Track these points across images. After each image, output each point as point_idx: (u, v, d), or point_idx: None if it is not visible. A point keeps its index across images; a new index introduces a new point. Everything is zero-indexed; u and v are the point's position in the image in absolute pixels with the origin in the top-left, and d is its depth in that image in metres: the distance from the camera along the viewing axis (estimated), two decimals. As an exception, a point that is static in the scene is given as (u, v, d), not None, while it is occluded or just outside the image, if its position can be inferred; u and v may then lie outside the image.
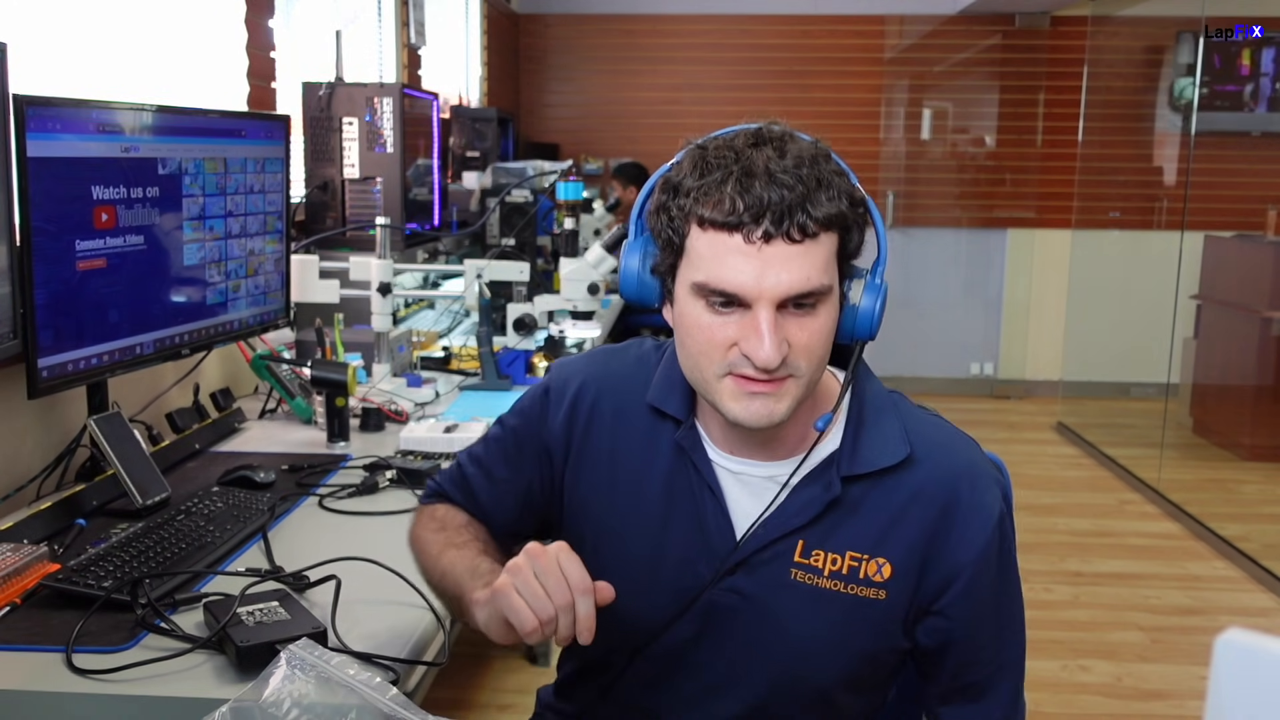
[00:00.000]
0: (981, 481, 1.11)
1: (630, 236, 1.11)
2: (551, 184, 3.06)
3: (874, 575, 1.09)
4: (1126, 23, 5.94)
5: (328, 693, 0.82)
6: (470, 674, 2.87)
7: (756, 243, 0.97)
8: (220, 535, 1.50)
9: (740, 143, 1.01)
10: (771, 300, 0.98)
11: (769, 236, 0.97)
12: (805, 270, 0.98)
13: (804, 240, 0.98)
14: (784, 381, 1.01)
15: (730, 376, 1.02)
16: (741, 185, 0.98)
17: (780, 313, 0.99)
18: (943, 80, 6.38)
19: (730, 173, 0.99)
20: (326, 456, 1.97)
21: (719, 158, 1.01)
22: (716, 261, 0.99)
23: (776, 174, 0.97)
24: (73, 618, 1.23)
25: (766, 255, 0.97)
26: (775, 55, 6.32)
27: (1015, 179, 6.42)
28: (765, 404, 1.02)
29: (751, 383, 1.01)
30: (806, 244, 0.98)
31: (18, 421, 1.69)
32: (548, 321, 2.88)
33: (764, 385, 1.01)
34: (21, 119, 1.44)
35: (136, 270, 1.72)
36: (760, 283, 0.98)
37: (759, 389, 1.01)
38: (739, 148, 1.01)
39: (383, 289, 2.52)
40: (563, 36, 6.44)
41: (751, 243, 0.97)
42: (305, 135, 2.91)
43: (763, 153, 0.99)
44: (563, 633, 0.95)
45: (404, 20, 4.09)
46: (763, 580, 1.10)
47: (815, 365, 1.03)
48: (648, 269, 1.09)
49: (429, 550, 1.20)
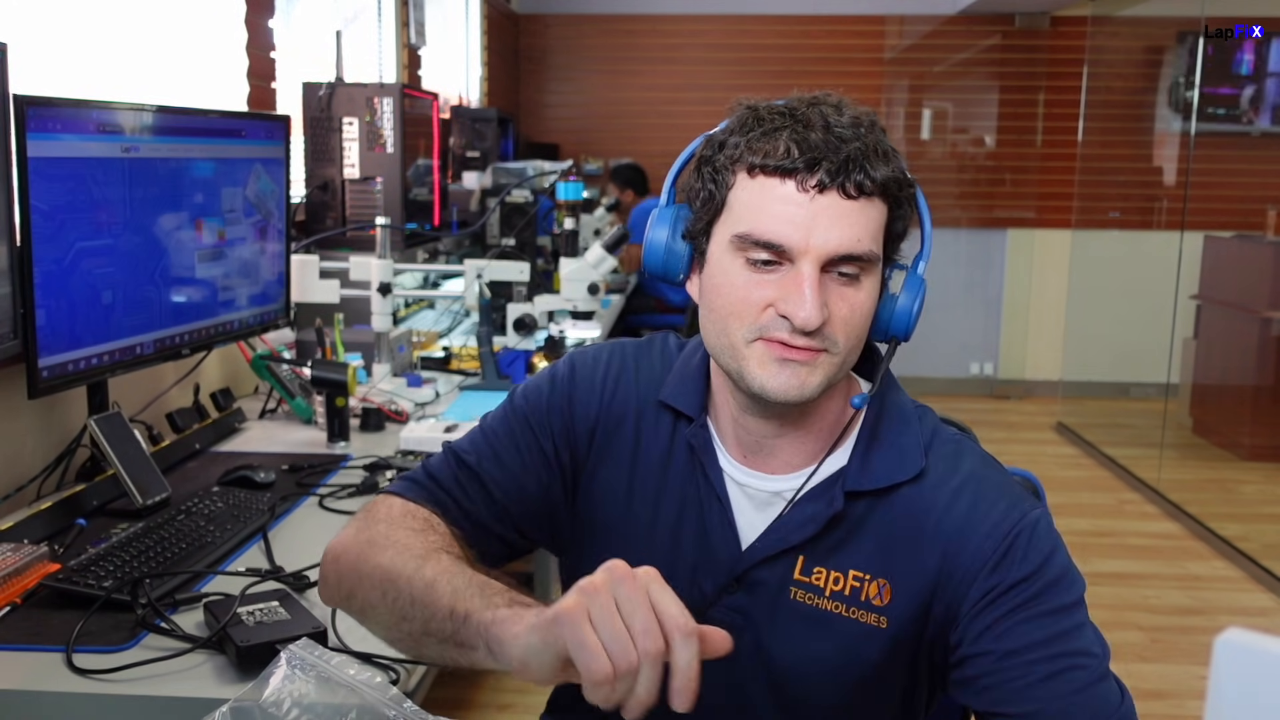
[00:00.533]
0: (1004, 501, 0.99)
1: (661, 203, 1.06)
2: (551, 184, 3.06)
3: (874, 598, 1.00)
4: (1126, 23, 5.94)
5: (328, 693, 0.82)
6: (470, 674, 2.87)
7: (810, 191, 0.92)
8: (220, 535, 1.50)
9: (795, 102, 0.97)
10: (818, 256, 0.92)
11: (823, 186, 0.92)
12: (856, 230, 0.93)
13: (859, 198, 0.93)
14: (818, 354, 0.95)
15: (761, 341, 0.95)
16: (797, 134, 0.93)
17: (823, 277, 0.93)
18: (943, 80, 6.38)
19: (785, 124, 0.94)
20: (327, 456, 1.97)
21: (772, 113, 0.96)
22: (763, 210, 0.93)
23: (834, 127, 0.93)
24: (73, 618, 1.23)
25: (818, 206, 0.92)
26: (775, 55, 6.32)
27: (1015, 179, 6.42)
28: (797, 374, 0.94)
29: (785, 348, 0.94)
30: (861, 203, 0.93)
31: (18, 421, 1.69)
32: (548, 321, 2.88)
33: (798, 352, 0.94)
34: (22, 119, 1.44)
35: (137, 270, 1.72)
36: (809, 235, 0.92)
37: (792, 355, 0.94)
38: (793, 105, 0.97)
39: (383, 289, 2.52)
40: (563, 36, 6.44)
41: (805, 191, 0.92)
42: (305, 135, 2.91)
43: (819, 109, 0.95)
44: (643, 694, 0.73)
45: (404, 20, 4.09)
46: (763, 599, 1.03)
47: (852, 345, 0.97)
48: (678, 235, 1.03)
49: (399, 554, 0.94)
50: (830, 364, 0.96)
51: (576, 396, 1.11)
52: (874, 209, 0.95)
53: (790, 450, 1.04)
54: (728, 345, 0.98)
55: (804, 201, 0.92)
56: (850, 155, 0.92)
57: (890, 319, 1.03)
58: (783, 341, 0.94)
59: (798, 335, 0.93)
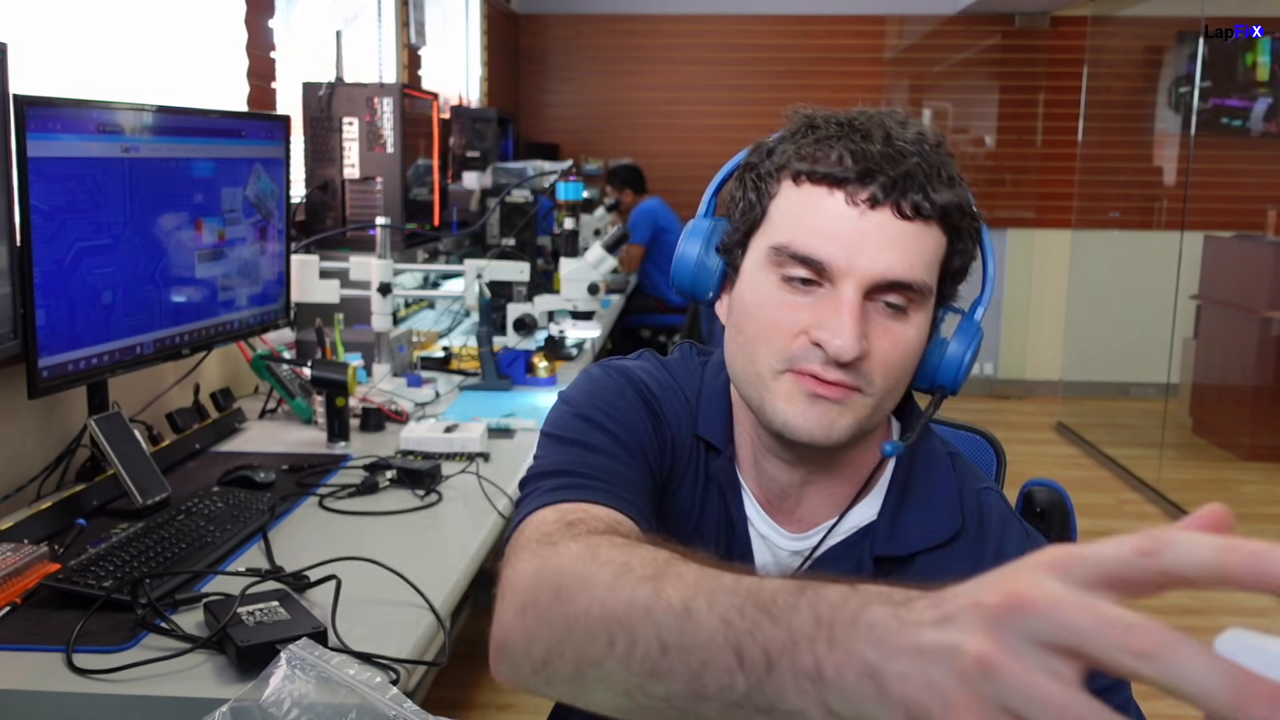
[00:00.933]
0: None
1: (699, 214, 0.98)
2: (551, 184, 3.06)
3: None
4: (1126, 23, 5.94)
5: (328, 692, 0.82)
6: (470, 674, 2.87)
7: (860, 205, 0.82)
8: (220, 535, 1.50)
9: (854, 112, 0.88)
10: (862, 280, 0.82)
11: (875, 202, 0.82)
12: (909, 255, 0.83)
13: (915, 220, 0.83)
14: (850, 393, 0.84)
15: (790, 373, 0.85)
16: (854, 142, 0.83)
17: (869, 306, 0.83)
18: (943, 80, 6.38)
19: (842, 132, 0.85)
20: (326, 456, 1.97)
21: (829, 121, 0.87)
22: (805, 221, 0.84)
23: (896, 140, 0.83)
24: (73, 618, 1.23)
25: (868, 223, 0.82)
26: (775, 55, 6.32)
27: (1015, 179, 6.42)
28: (826, 413, 0.84)
29: (816, 382, 0.84)
30: (917, 226, 0.83)
31: (18, 421, 1.69)
32: (548, 321, 2.88)
33: (829, 388, 0.84)
34: (22, 119, 1.44)
35: (136, 270, 1.72)
36: (854, 255, 0.82)
37: (823, 391, 0.84)
38: (853, 115, 0.87)
39: (383, 289, 2.52)
40: (563, 36, 6.45)
41: (854, 204, 0.82)
42: (305, 135, 2.91)
43: (881, 120, 0.86)
44: None
45: (404, 20, 4.09)
46: None
47: (889, 387, 0.86)
48: (711, 249, 0.94)
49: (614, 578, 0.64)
50: (863, 406, 0.85)
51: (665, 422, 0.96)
52: (930, 236, 0.84)
53: (816, 501, 0.95)
54: (753, 374, 0.88)
55: (852, 216, 0.82)
56: (910, 171, 0.82)
57: (938, 367, 0.93)
58: (814, 375, 0.84)
59: (831, 368, 0.83)
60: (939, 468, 0.95)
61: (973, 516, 0.93)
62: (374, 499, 1.75)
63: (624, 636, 0.60)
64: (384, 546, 1.48)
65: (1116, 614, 0.38)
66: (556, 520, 0.79)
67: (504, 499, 1.76)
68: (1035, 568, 0.41)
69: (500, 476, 1.83)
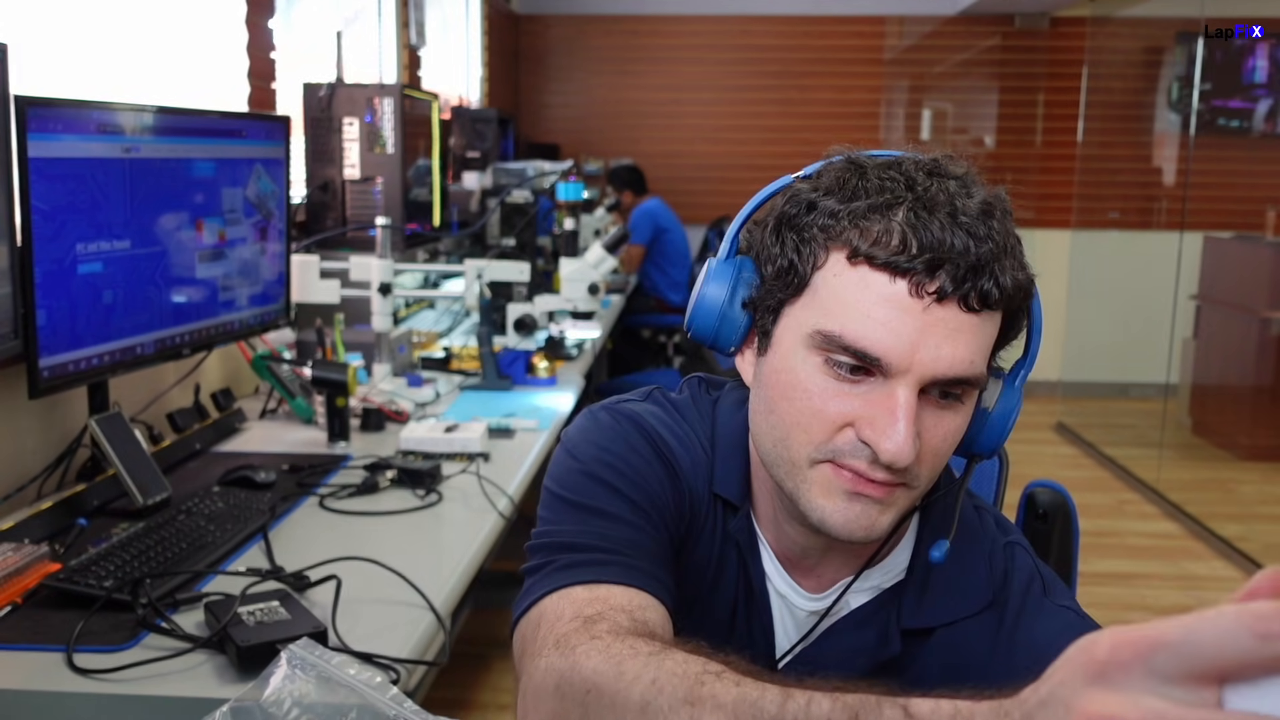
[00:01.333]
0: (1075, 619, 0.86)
1: (721, 256, 0.87)
2: (551, 184, 3.06)
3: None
4: (1126, 24, 5.94)
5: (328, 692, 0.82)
6: (470, 674, 2.87)
7: (925, 299, 0.74)
8: (221, 535, 1.50)
9: (911, 167, 0.79)
10: (921, 378, 0.75)
11: (943, 296, 0.74)
12: (971, 350, 0.76)
13: (981, 311, 0.76)
14: (895, 489, 0.78)
15: (830, 465, 0.78)
16: (917, 218, 0.74)
17: (923, 404, 0.77)
18: (942, 81, 6.38)
19: (901, 198, 0.76)
20: (327, 456, 1.97)
21: (883, 177, 0.78)
22: (861, 310, 0.75)
23: (962, 217, 0.75)
24: (73, 617, 1.23)
25: (932, 318, 0.74)
26: (775, 55, 6.32)
27: (1015, 179, 6.39)
28: (867, 512, 0.78)
29: (860, 480, 0.77)
30: (983, 317, 0.76)
31: (19, 421, 1.69)
32: (548, 321, 2.88)
33: (875, 487, 0.77)
34: (22, 119, 1.44)
35: (137, 270, 1.73)
36: (915, 352, 0.74)
37: (867, 490, 0.77)
38: (909, 172, 0.78)
39: (383, 289, 2.52)
40: (563, 36, 6.45)
41: (919, 297, 0.74)
42: (305, 136, 2.91)
43: (944, 185, 0.77)
44: None
45: (404, 20, 4.10)
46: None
47: (931, 477, 0.81)
48: (736, 301, 0.84)
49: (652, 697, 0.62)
50: (906, 500, 0.80)
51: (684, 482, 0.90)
52: (992, 324, 0.78)
53: (838, 560, 0.89)
54: (785, 459, 0.81)
55: (916, 310, 0.74)
56: (980, 260, 0.74)
57: (977, 435, 0.86)
58: (858, 472, 0.78)
59: (878, 468, 0.77)
60: (967, 529, 0.89)
61: (999, 582, 0.88)
62: (374, 499, 1.75)
63: None
64: (384, 546, 1.48)
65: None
66: (574, 617, 0.74)
67: (504, 499, 1.76)
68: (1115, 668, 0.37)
69: (500, 476, 1.83)
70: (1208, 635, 0.34)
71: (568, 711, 0.65)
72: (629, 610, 0.75)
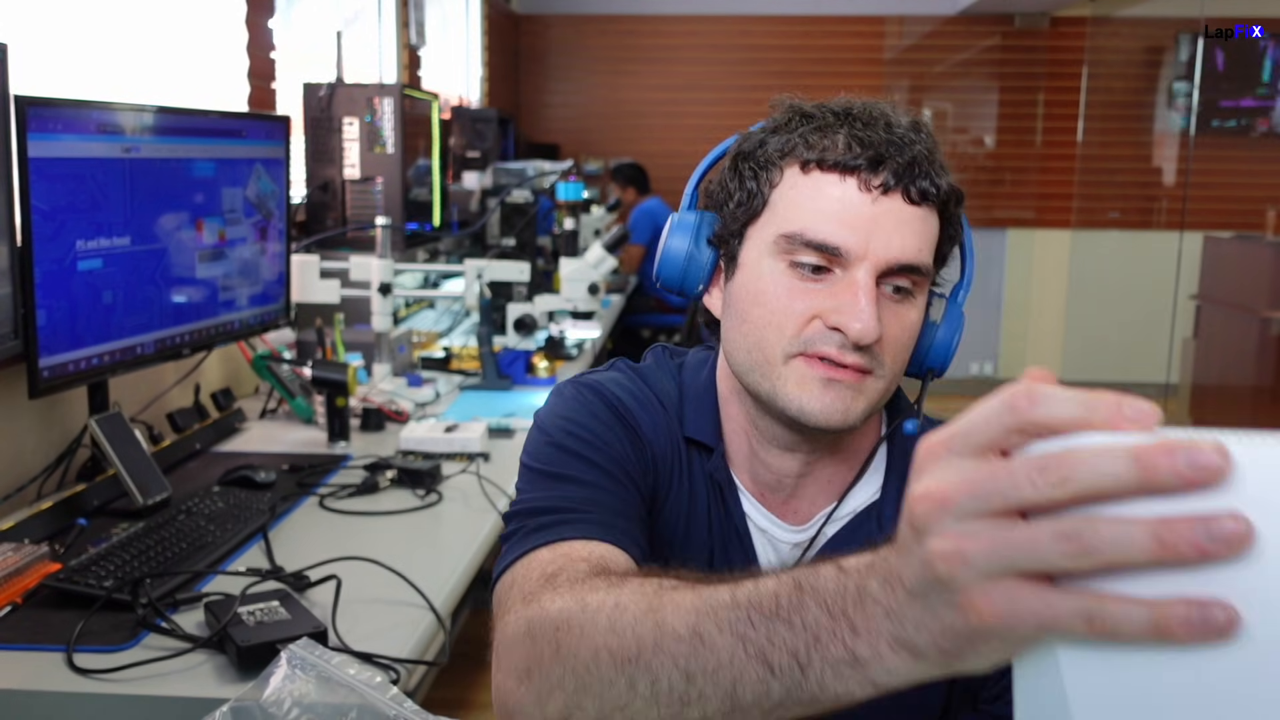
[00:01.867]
0: None
1: (682, 208, 0.97)
2: (551, 184, 3.06)
3: None
4: (1126, 23, 5.94)
5: (328, 692, 0.82)
6: (470, 674, 2.87)
7: (873, 191, 0.84)
8: (221, 535, 1.50)
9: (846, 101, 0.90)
10: (876, 264, 0.83)
11: (887, 188, 0.84)
12: (918, 239, 0.85)
13: (921, 205, 0.86)
14: (865, 376, 0.85)
15: (801, 358, 0.85)
16: (858, 130, 0.85)
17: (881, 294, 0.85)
18: (943, 81, 6.38)
19: (842, 119, 0.86)
20: (327, 456, 1.97)
21: (824, 109, 0.89)
22: (818, 209, 0.85)
23: (895, 128, 0.86)
24: (73, 617, 1.23)
25: (881, 209, 0.84)
26: (775, 55, 6.32)
27: (1015, 179, 6.42)
28: (841, 396, 0.85)
29: (831, 367, 0.84)
30: (923, 210, 0.86)
31: (19, 421, 1.69)
32: (548, 321, 2.88)
33: (845, 372, 0.84)
34: (22, 119, 1.44)
35: (137, 270, 1.73)
36: (869, 240, 0.83)
37: (838, 375, 0.84)
38: (847, 104, 0.89)
39: (383, 289, 2.52)
40: (563, 36, 6.45)
41: (868, 191, 0.84)
42: (305, 135, 2.91)
43: (877, 106, 0.88)
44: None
45: (404, 20, 4.10)
46: None
47: (897, 370, 0.88)
48: (701, 242, 0.94)
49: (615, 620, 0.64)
50: (875, 389, 0.87)
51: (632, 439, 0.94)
52: (932, 220, 0.87)
53: (813, 490, 0.95)
54: (760, 361, 0.88)
55: (866, 202, 0.84)
56: (916, 157, 0.85)
57: (929, 349, 0.94)
58: (829, 358, 0.84)
59: (848, 352, 0.84)
60: None
61: None
62: (374, 499, 1.75)
63: (644, 676, 0.60)
64: (384, 546, 1.48)
65: (1011, 463, 0.42)
66: (539, 576, 0.78)
67: (504, 499, 1.76)
68: (927, 462, 0.45)
69: (500, 476, 1.83)
70: (980, 415, 0.43)
71: (540, 651, 0.68)
72: (588, 560, 0.79)
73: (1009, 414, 0.42)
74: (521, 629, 0.71)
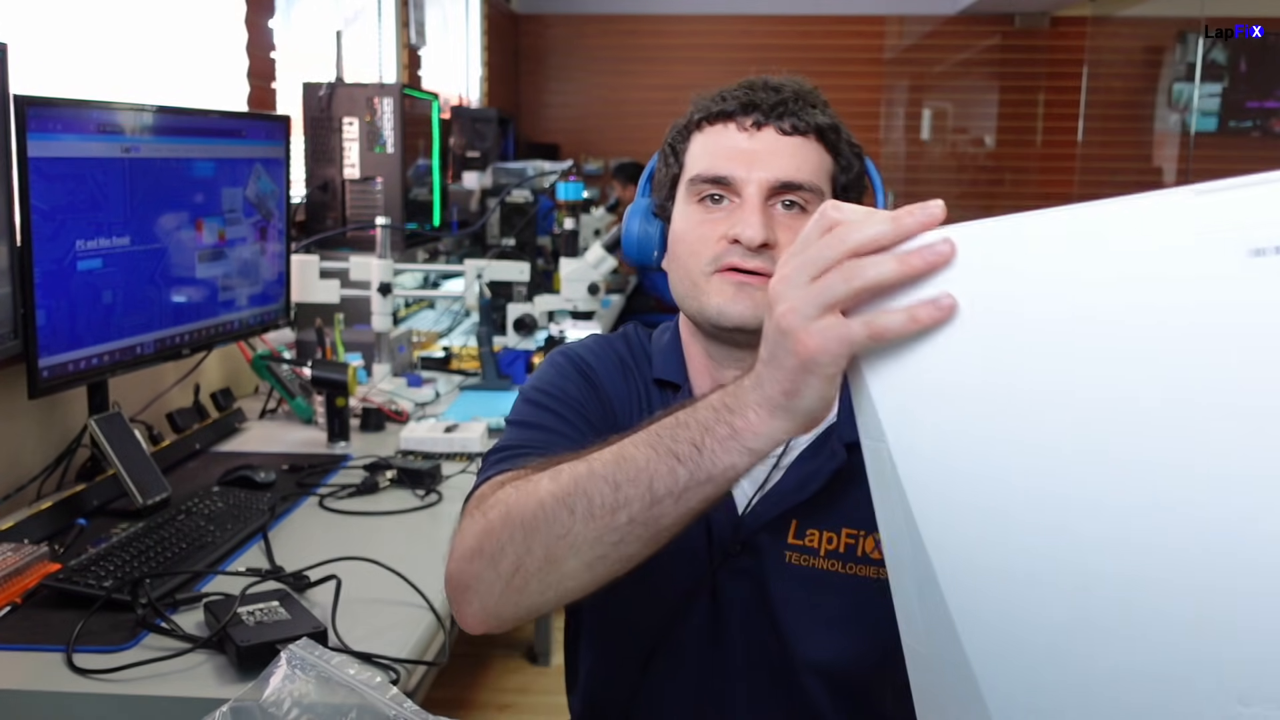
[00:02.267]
0: None
1: (638, 197, 1.16)
2: (551, 184, 3.06)
3: (872, 552, 1.03)
4: (1126, 23, 5.94)
5: (328, 692, 0.82)
6: (470, 674, 2.87)
7: (749, 129, 1.03)
8: (220, 535, 1.50)
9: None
10: (760, 185, 1.01)
11: (760, 124, 1.03)
12: (795, 161, 1.02)
13: (794, 134, 1.03)
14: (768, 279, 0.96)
15: (718, 274, 1.02)
16: (739, 89, 1.06)
17: (771, 208, 1.02)
18: (943, 80, 6.38)
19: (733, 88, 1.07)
20: (327, 456, 1.97)
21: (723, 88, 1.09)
22: (709, 152, 1.05)
23: (772, 83, 1.06)
24: (73, 617, 1.23)
25: (758, 140, 1.03)
26: (775, 55, 6.32)
27: (1015, 179, 6.42)
28: (752, 296, 1.00)
29: (739, 274, 1.01)
30: (796, 139, 1.03)
31: (18, 421, 1.69)
32: (548, 321, 2.88)
33: (752, 276, 1.00)
34: (22, 119, 1.44)
35: (137, 270, 1.73)
36: (750, 167, 1.02)
37: (747, 280, 1.00)
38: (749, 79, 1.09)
39: (383, 289, 2.52)
40: (563, 36, 6.45)
41: (744, 130, 1.03)
42: (305, 135, 2.91)
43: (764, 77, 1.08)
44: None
45: (404, 20, 4.10)
46: (765, 564, 1.05)
47: None
48: (650, 218, 1.14)
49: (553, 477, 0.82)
50: None
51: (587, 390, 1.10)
52: (811, 148, 1.04)
53: None
54: (690, 286, 1.04)
55: (744, 139, 1.03)
56: (785, 99, 1.03)
57: None
58: (736, 267, 1.01)
59: (750, 258, 1.00)
60: None
61: None
62: (374, 499, 1.75)
63: (580, 500, 0.78)
64: (384, 546, 1.48)
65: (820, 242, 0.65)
66: (492, 489, 0.90)
67: (504, 499, 1.76)
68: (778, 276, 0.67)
69: (500, 476, 1.83)
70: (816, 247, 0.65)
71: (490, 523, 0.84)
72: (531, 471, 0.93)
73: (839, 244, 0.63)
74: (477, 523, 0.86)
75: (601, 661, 1.14)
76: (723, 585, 1.07)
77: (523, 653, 2.96)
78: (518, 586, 0.82)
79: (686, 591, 1.06)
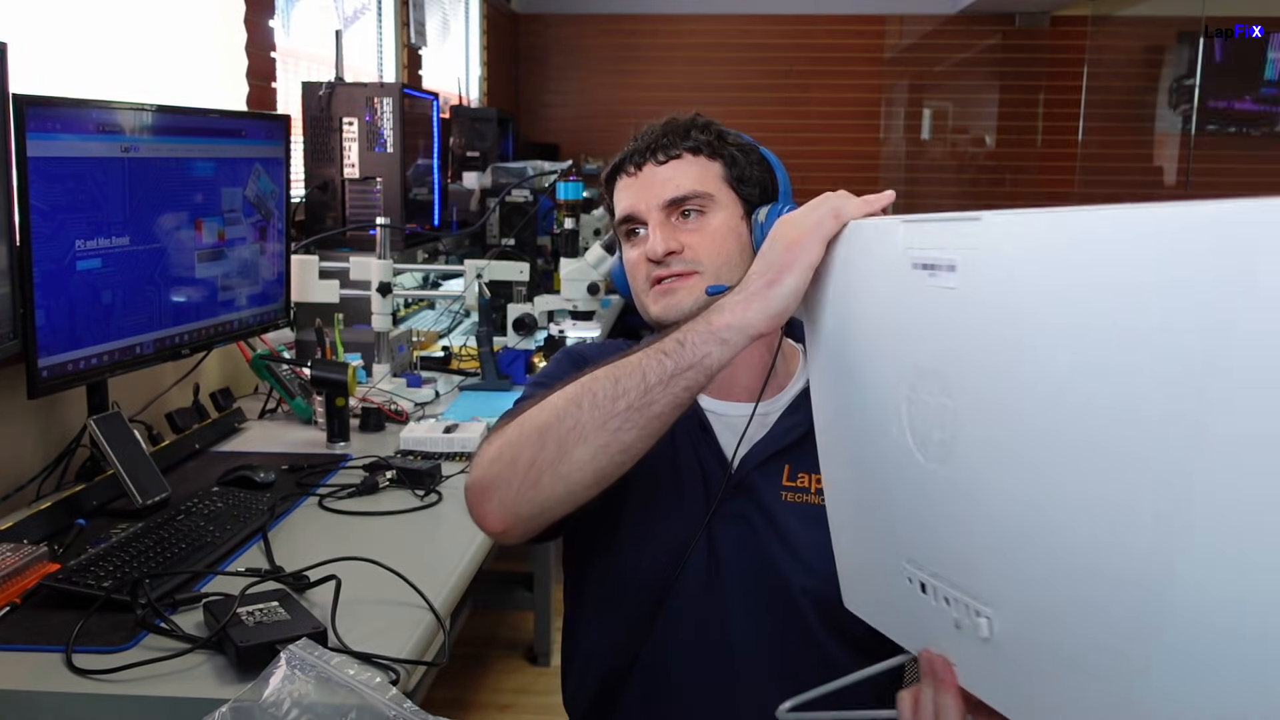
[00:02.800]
0: None
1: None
2: (551, 184, 3.06)
3: None
4: (1126, 23, 5.94)
5: (328, 693, 0.82)
6: (470, 674, 2.87)
7: (635, 173, 1.27)
8: (220, 535, 1.50)
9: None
10: (654, 209, 1.23)
11: (639, 165, 1.26)
12: (675, 180, 1.24)
13: (668, 161, 1.25)
14: (689, 277, 1.22)
15: (653, 288, 1.24)
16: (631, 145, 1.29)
17: (673, 222, 1.23)
18: (943, 80, 6.38)
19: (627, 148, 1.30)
20: (326, 456, 1.97)
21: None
22: (619, 200, 1.28)
23: (652, 128, 1.28)
24: (73, 618, 1.23)
25: (643, 177, 1.26)
26: (775, 55, 6.31)
27: (1015, 179, 6.42)
28: (674, 294, 1.22)
29: (660, 283, 1.23)
30: (672, 163, 1.25)
31: (18, 421, 1.69)
32: (548, 321, 2.88)
33: (671, 281, 1.22)
34: (21, 119, 1.44)
35: (136, 270, 1.72)
36: (644, 199, 1.24)
37: (668, 285, 1.23)
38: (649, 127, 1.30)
39: (383, 289, 2.52)
40: (563, 36, 6.45)
41: (632, 175, 1.27)
42: (305, 135, 2.91)
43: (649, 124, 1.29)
44: None
45: (404, 20, 4.10)
46: (760, 503, 1.22)
47: (722, 261, 1.22)
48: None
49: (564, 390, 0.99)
50: (701, 281, 1.21)
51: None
52: (688, 164, 1.25)
53: (745, 377, 1.27)
54: (639, 303, 1.28)
55: (634, 181, 1.27)
56: (651, 141, 1.26)
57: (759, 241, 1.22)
58: (656, 278, 1.23)
59: (663, 267, 1.22)
60: None
61: None
62: (374, 499, 1.75)
63: (586, 396, 0.96)
64: (384, 546, 1.47)
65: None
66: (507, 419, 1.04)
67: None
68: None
69: (500, 476, 1.83)
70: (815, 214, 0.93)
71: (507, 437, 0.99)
72: None
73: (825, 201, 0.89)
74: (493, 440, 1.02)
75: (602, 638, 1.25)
76: (716, 533, 1.22)
77: (522, 653, 2.96)
78: (533, 480, 0.96)
79: (684, 541, 1.20)
